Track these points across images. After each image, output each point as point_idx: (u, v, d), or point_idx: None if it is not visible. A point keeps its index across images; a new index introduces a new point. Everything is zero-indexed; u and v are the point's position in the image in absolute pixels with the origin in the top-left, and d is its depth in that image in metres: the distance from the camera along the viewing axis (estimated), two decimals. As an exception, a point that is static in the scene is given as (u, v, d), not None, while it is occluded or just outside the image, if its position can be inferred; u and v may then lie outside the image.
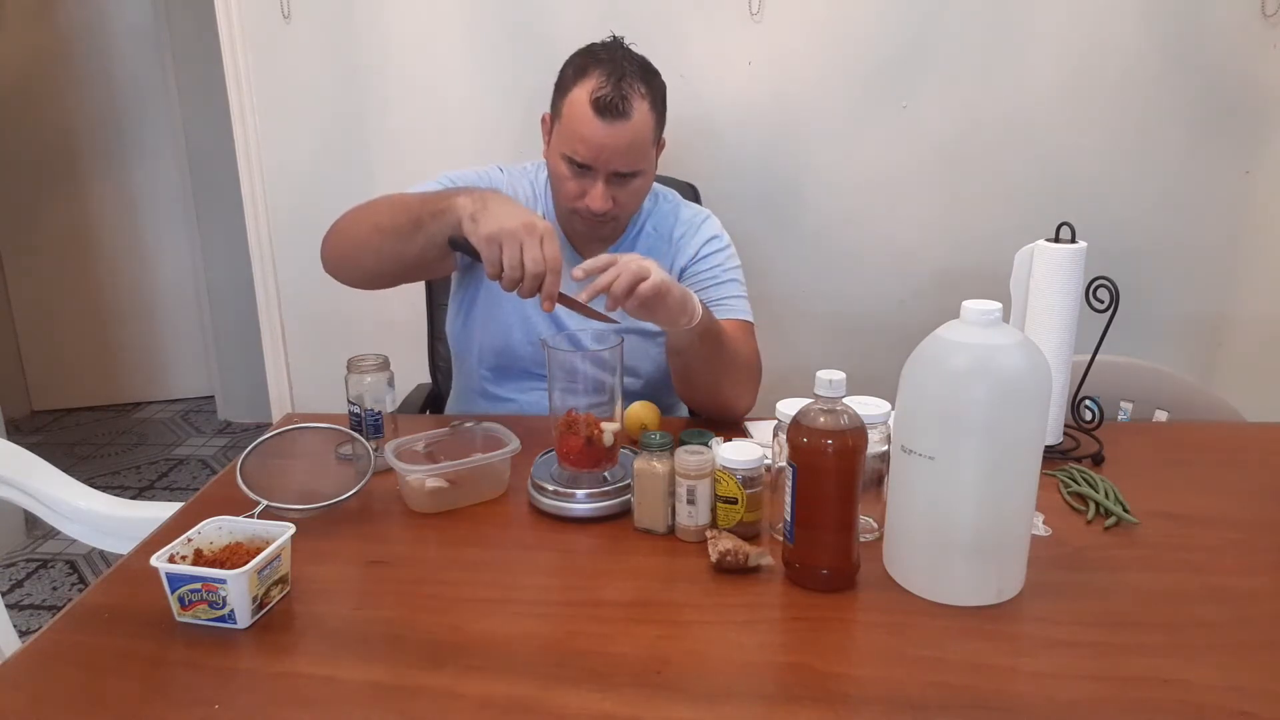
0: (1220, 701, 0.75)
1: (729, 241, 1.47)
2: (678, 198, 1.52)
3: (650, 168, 1.36)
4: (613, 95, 1.25)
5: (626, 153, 1.28)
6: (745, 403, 1.36)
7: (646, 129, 1.29)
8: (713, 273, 1.43)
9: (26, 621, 2.24)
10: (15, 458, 1.31)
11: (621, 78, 1.26)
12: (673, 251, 1.45)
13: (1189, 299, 1.96)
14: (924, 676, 0.78)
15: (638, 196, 1.37)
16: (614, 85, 1.25)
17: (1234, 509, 1.08)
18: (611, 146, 1.27)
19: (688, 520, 1.00)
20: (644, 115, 1.28)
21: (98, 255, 3.53)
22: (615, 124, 1.26)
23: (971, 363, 0.85)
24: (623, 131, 1.26)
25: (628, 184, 1.32)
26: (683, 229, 1.46)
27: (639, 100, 1.27)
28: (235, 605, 0.85)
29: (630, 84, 1.26)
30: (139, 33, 3.34)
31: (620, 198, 1.33)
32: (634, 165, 1.30)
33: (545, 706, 0.75)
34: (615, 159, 1.28)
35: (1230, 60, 1.82)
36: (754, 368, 1.38)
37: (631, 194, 1.34)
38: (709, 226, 1.47)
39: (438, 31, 1.98)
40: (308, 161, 2.10)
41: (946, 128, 1.91)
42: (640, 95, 1.27)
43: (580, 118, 1.26)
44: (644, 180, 1.35)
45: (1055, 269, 1.17)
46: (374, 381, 1.19)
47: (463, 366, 1.53)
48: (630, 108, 1.26)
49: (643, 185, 1.36)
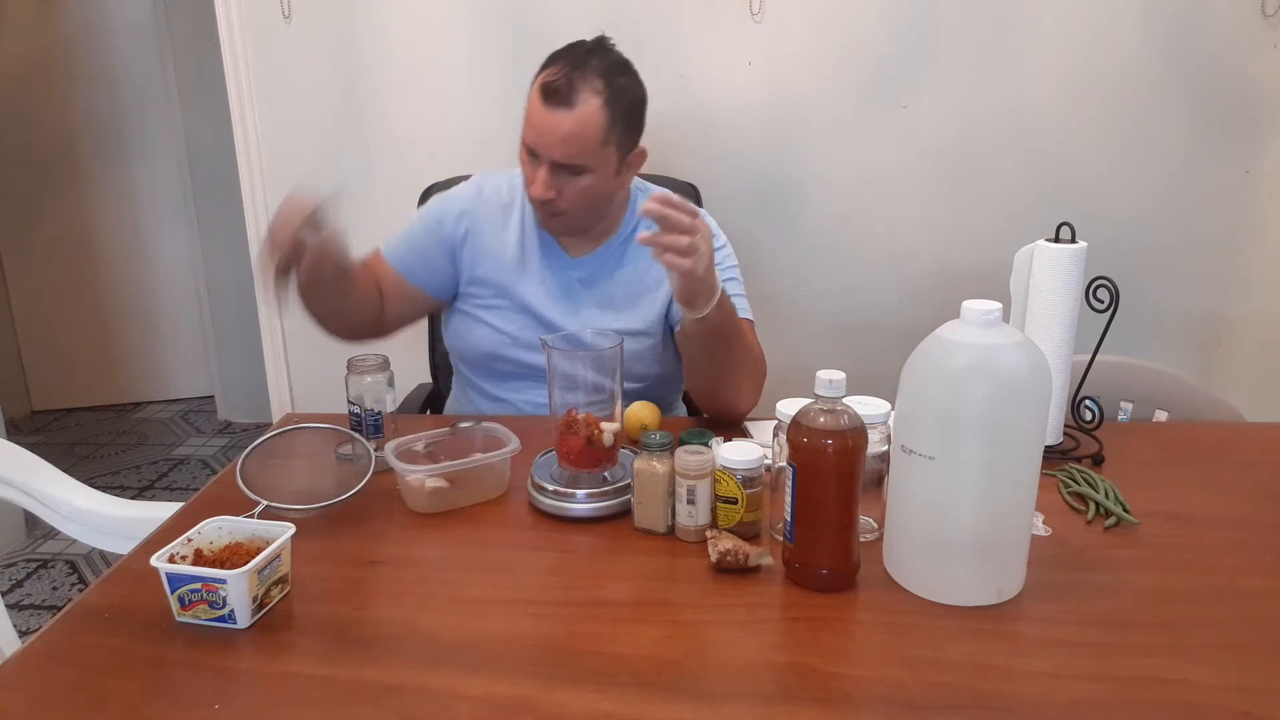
0: (1220, 701, 0.75)
1: (725, 240, 1.47)
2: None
3: (602, 168, 1.31)
4: (559, 82, 1.25)
5: (565, 142, 1.27)
6: (749, 400, 1.36)
7: (593, 124, 1.27)
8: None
9: (26, 621, 2.24)
10: (15, 458, 1.31)
11: (576, 69, 1.26)
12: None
13: (1189, 299, 1.96)
14: (924, 676, 0.78)
15: (588, 196, 1.34)
16: (565, 74, 1.26)
17: (1234, 509, 1.08)
18: (551, 132, 1.27)
19: (688, 520, 1.00)
20: (591, 109, 1.26)
21: (98, 255, 3.53)
22: (557, 110, 1.26)
23: (971, 363, 0.85)
24: (563, 119, 1.26)
25: (574, 180, 1.31)
26: None
27: (588, 93, 1.26)
28: (235, 605, 0.85)
29: (584, 77, 1.26)
30: (139, 32, 3.34)
31: (567, 192, 1.32)
32: (574, 157, 1.28)
33: (545, 706, 0.75)
34: (555, 146, 1.27)
35: (1230, 60, 1.82)
36: (759, 367, 1.38)
37: (580, 192, 1.32)
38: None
39: (437, 31, 1.98)
40: (308, 161, 2.10)
41: (946, 128, 1.91)
42: (592, 90, 1.26)
43: (531, 103, 1.29)
44: (593, 180, 1.32)
45: (1055, 269, 1.17)
46: (374, 382, 1.19)
47: (459, 367, 1.55)
48: (575, 97, 1.25)
49: (592, 185, 1.32)
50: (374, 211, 2.10)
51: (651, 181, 1.52)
